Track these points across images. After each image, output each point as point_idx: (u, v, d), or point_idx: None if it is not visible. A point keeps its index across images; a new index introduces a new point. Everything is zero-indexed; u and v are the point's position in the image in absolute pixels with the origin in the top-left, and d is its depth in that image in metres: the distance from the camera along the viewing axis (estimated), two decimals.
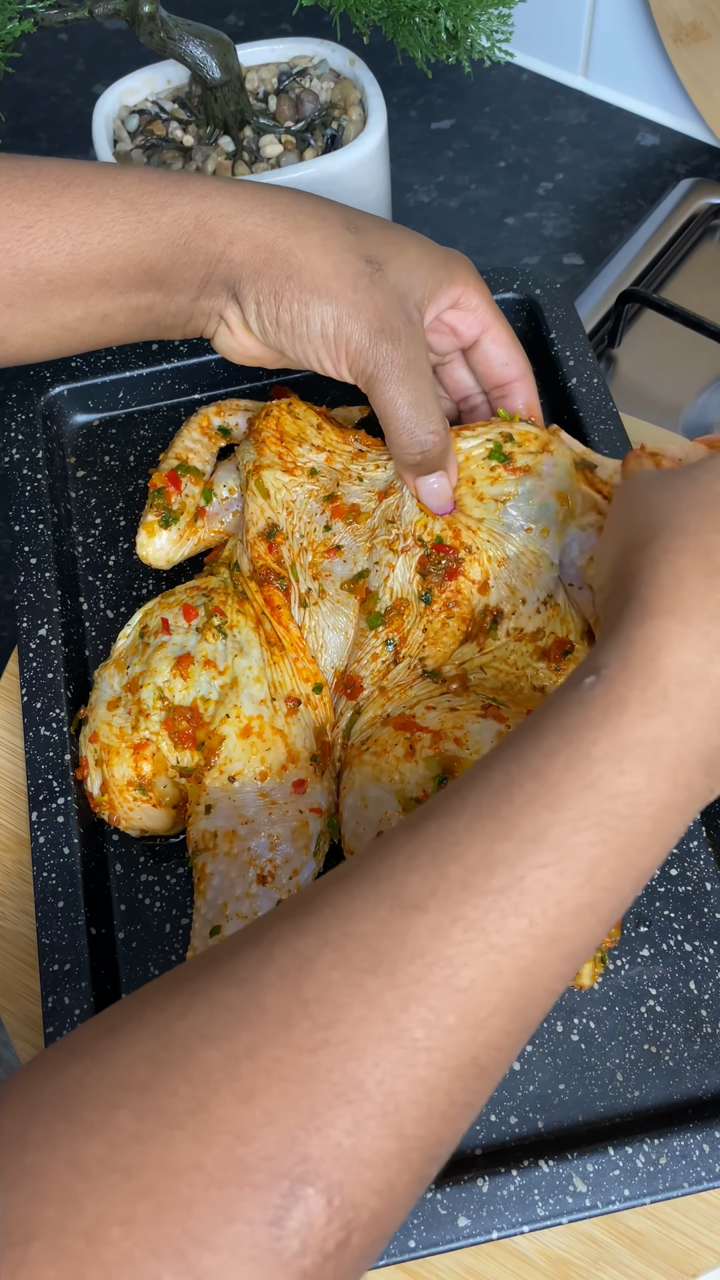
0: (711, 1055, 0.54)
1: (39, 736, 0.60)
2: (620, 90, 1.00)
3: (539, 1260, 0.51)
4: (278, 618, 0.60)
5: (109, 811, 0.59)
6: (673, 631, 0.39)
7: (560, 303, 0.73)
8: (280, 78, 0.79)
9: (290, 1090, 0.33)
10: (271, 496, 0.62)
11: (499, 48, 0.74)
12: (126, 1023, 0.36)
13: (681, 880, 0.58)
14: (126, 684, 0.60)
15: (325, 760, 0.58)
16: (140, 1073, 0.34)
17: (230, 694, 0.58)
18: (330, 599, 0.60)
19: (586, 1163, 0.50)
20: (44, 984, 0.54)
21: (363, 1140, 0.33)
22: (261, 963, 0.36)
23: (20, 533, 0.67)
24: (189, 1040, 0.34)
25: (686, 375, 0.84)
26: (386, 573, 0.59)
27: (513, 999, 0.36)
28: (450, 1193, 0.49)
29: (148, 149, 0.76)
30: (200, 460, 0.67)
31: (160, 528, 0.65)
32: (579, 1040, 0.54)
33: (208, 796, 0.57)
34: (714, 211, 0.92)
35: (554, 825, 0.37)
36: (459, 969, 0.35)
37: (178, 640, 0.60)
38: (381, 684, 0.58)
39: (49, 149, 1.03)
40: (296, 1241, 0.32)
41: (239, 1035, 0.34)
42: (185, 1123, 0.33)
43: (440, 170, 0.98)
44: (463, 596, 0.58)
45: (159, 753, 0.58)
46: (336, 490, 0.62)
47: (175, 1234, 0.31)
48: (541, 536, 0.59)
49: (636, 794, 0.38)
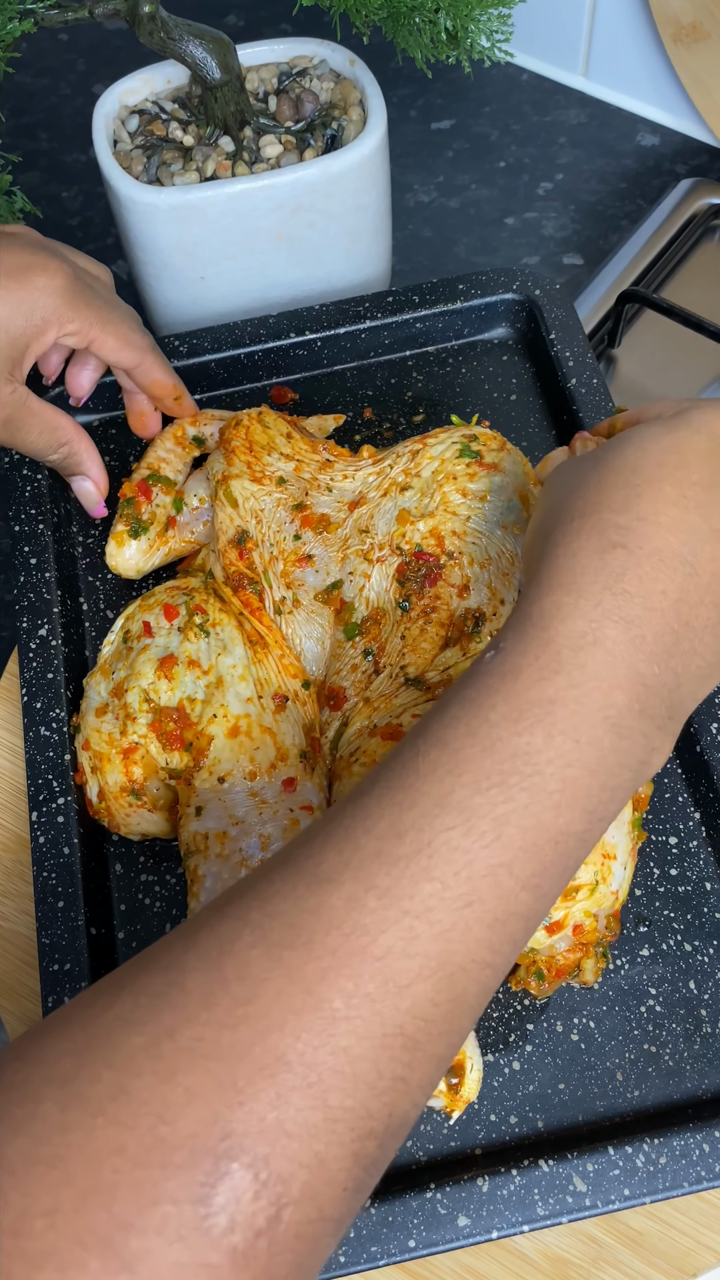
0: (711, 1055, 0.54)
1: (39, 736, 0.60)
2: (620, 90, 1.00)
3: (539, 1260, 0.51)
4: (258, 617, 0.60)
5: (108, 818, 0.59)
6: (565, 603, 0.41)
7: (560, 303, 0.73)
8: (280, 78, 0.79)
9: (211, 1067, 0.33)
10: (240, 506, 0.62)
11: (499, 48, 0.74)
12: (55, 1022, 0.36)
13: (681, 880, 0.58)
14: (113, 690, 0.60)
15: (315, 757, 0.58)
16: (64, 1065, 0.34)
17: (216, 693, 0.58)
18: (305, 609, 0.60)
19: (586, 1162, 0.50)
20: (44, 984, 0.54)
21: (286, 1113, 0.33)
22: (186, 949, 0.37)
23: (20, 533, 0.67)
24: (112, 1029, 0.35)
25: (686, 375, 0.84)
26: (362, 582, 0.60)
27: (434, 965, 0.36)
28: (450, 1192, 0.49)
29: (148, 149, 0.76)
30: (172, 470, 0.68)
31: (129, 537, 0.66)
32: (579, 1040, 0.54)
33: (198, 798, 0.57)
34: (714, 211, 0.92)
35: (457, 789, 0.38)
36: (375, 936, 0.36)
37: (160, 642, 0.60)
38: (365, 694, 0.58)
39: (49, 149, 1.03)
40: (224, 1218, 0.32)
41: (161, 1018, 0.34)
42: (107, 1108, 0.33)
43: (440, 170, 0.98)
44: (441, 602, 0.58)
45: (148, 755, 0.58)
46: (305, 500, 0.63)
47: (100, 1220, 0.31)
48: (515, 534, 0.60)
49: (536, 752, 0.38)
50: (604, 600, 0.41)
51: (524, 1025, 0.55)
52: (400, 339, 0.75)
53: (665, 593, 0.41)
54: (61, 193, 1.00)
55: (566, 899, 0.52)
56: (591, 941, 0.53)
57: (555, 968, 0.53)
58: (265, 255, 0.77)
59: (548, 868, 0.39)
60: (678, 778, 0.60)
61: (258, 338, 0.74)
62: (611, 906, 0.54)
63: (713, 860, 0.58)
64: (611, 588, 0.41)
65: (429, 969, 0.36)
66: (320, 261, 0.78)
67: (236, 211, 0.73)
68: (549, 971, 0.54)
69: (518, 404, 0.73)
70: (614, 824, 0.53)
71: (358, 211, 0.76)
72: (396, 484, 0.62)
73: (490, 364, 0.75)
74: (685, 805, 0.60)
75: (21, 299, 0.59)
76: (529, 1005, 0.55)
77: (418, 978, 0.36)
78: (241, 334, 0.74)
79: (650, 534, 0.42)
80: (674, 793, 0.60)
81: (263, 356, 0.74)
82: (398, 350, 0.75)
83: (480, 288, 0.74)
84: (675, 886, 0.58)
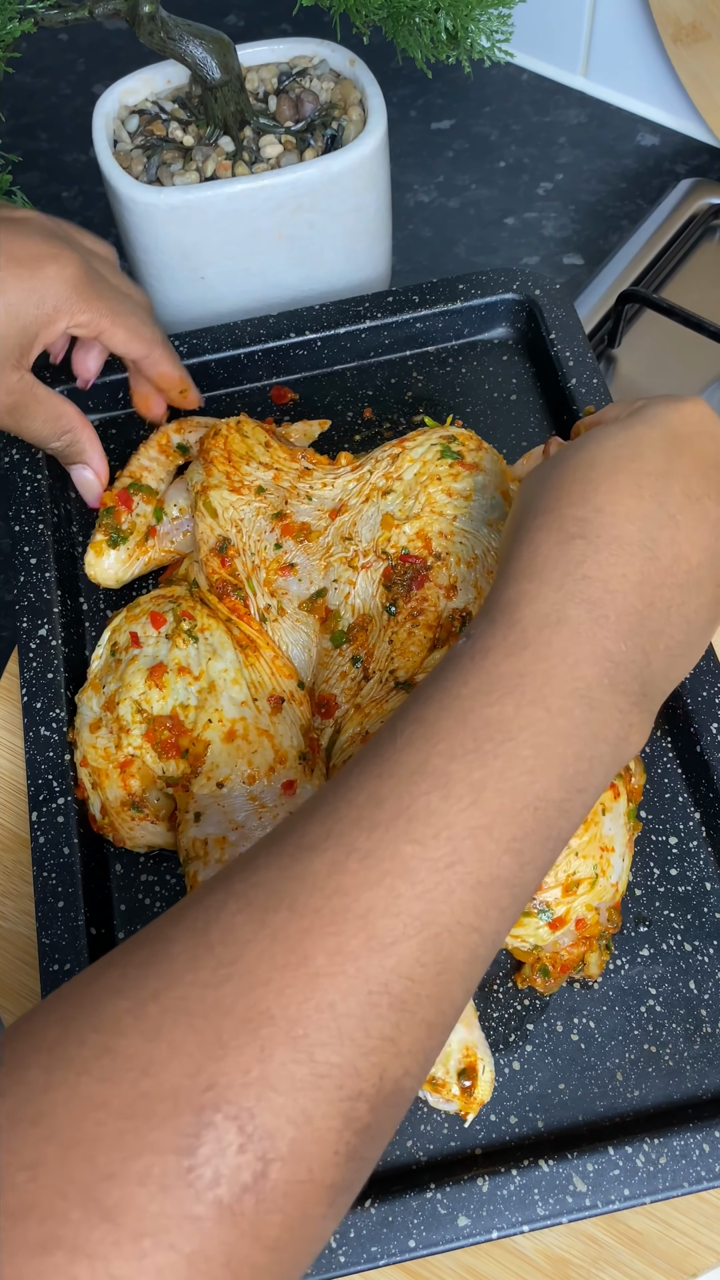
0: (711, 1055, 0.54)
1: (39, 736, 0.60)
2: (620, 90, 1.00)
3: (539, 1260, 0.51)
4: (246, 621, 0.60)
5: (112, 833, 0.59)
6: (529, 590, 0.43)
7: (560, 303, 0.73)
8: (280, 78, 0.79)
9: (196, 1023, 0.34)
10: (219, 516, 0.62)
11: (499, 48, 0.74)
12: (47, 1001, 0.36)
13: (681, 880, 0.58)
14: (104, 703, 0.60)
15: (314, 758, 0.58)
16: (51, 1033, 0.34)
17: (210, 698, 0.58)
18: (290, 617, 0.60)
19: (586, 1162, 0.50)
20: (44, 984, 0.54)
21: (270, 1066, 0.33)
22: (173, 924, 0.37)
23: (20, 533, 0.67)
24: (100, 997, 0.35)
25: (686, 375, 0.84)
26: (347, 589, 0.60)
27: (418, 925, 0.37)
28: (450, 1192, 0.49)
29: (147, 149, 0.76)
30: (155, 478, 0.68)
31: (108, 547, 0.65)
32: (579, 1040, 0.54)
33: (196, 804, 0.56)
34: (714, 211, 0.92)
35: (433, 757, 0.39)
36: (357, 895, 0.36)
37: (149, 651, 0.60)
38: (356, 701, 0.58)
39: (49, 149, 1.03)
40: (209, 1170, 0.32)
41: (147, 983, 0.35)
42: (92, 1067, 0.33)
43: (440, 170, 0.98)
44: (429, 604, 0.58)
45: (145, 766, 0.58)
46: (285, 508, 0.63)
47: (81, 1172, 0.31)
48: (499, 530, 0.60)
49: (508, 720, 0.40)
50: (565, 584, 0.43)
51: (524, 1025, 0.55)
52: (400, 339, 0.75)
53: (626, 576, 0.43)
54: (61, 193, 1.00)
55: (568, 894, 0.52)
56: (594, 935, 0.54)
57: (560, 963, 0.54)
58: (265, 255, 0.77)
59: (529, 833, 0.39)
60: (678, 778, 0.60)
61: (258, 338, 0.74)
62: (612, 899, 0.54)
63: (713, 860, 0.58)
64: (572, 574, 0.43)
65: (413, 928, 0.37)
66: (320, 261, 0.78)
67: (236, 211, 0.73)
68: (554, 967, 0.54)
69: (518, 404, 0.73)
70: (610, 816, 0.53)
71: (358, 211, 0.76)
72: (378, 489, 0.62)
73: (490, 364, 0.75)
74: (685, 805, 0.60)
75: (33, 288, 0.59)
76: (529, 1005, 0.55)
77: (401, 936, 0.36)
78: (241, 334, 0.74)
79: (607, 523, 0.44)
80: (674, 793, 0.60)
81: (263, 356, 0.74)
82: (398, 350, 0.75)
83: (480, 288, 0.74)
84: (675, 886, 0.58)
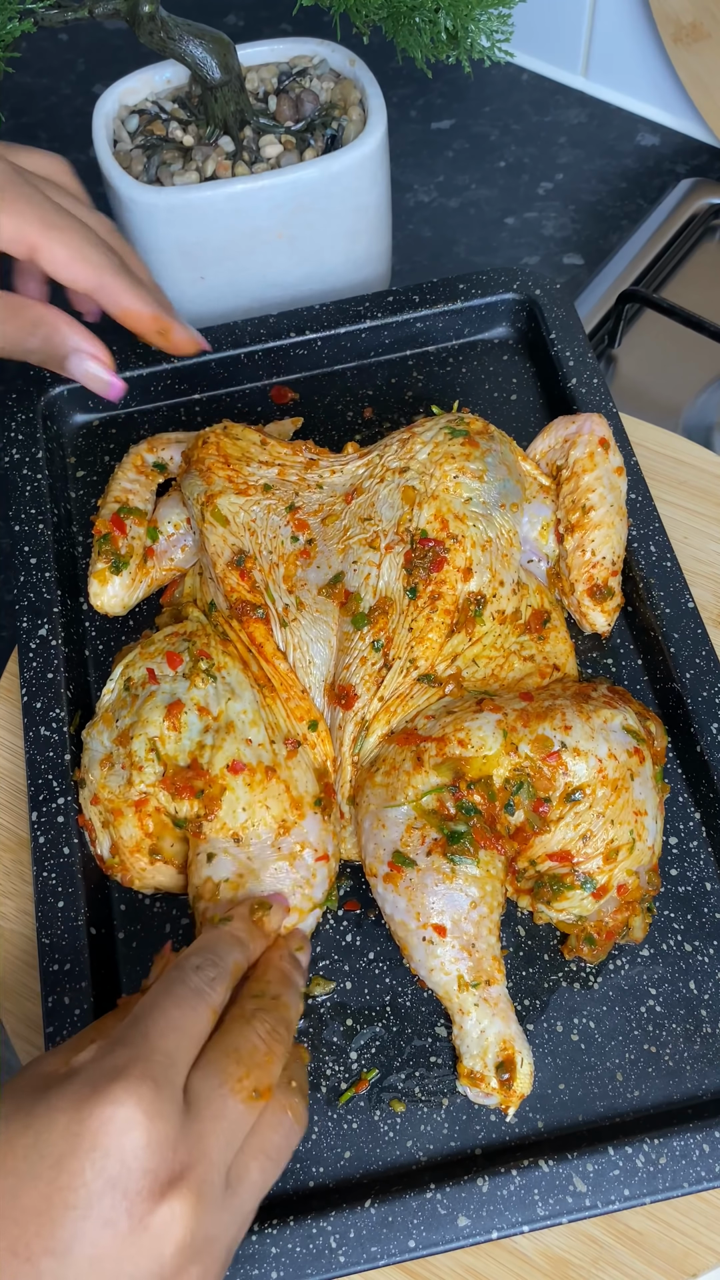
0: (711, 1055, 0.54)
1: (39, 736, 0.60)
2: (620, 90, 1.00)
3: (539, 1260, 0.51)
4: (263, 655, 0.59)
5: (121, 873, 0.58)
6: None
7: (560, 303, 0.73)
8: (280, 78, 0.79)
9: None
10: (231, 522, 0.61)
11: (499, 48, 0.74)
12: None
13: (681, 880, 0.58)
14: (116, 738, 0.58)
15: (329, 803, 0.57)
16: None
17: (227, 740, 0.56)
18: (309, 610, 0.60)
19: (586, 1162, 0.50)
20: (44, 984, 0.54)
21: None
22: None
23: (20, 533, 0.67)
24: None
25: (686, 375, 0.84)
26: (368, 570, 0.59)
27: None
28: (450, 1192, 0.49)
29: (148, 149, 0.76)
30: (140, 500, 0.67)
31: (112, 574, 0.64)
32: (579, 1040, 0.54)
33: (209, 845, 0.55)
34: (714, 211, 0.92)
35: None
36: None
37: (166, 688, 0.58)
38: (380, 694, 0.58)
39: (49, 149, 1.03)
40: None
41: None
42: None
43: (440, 170, 0.98)
44: (447, 586, 0.58)
45: (160, 805, 0.56)
46: (296, 500, 0.62)
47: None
48: (513, 512, 0.60)
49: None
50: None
51: (524, 1025, 0.55)
52: (400, 339, 0.75)
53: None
54: None
55: (608, 862, 0.53)
56: (636, 899, 0.54)
57: (605, 930, 0.54)
58: (265, 255, 0.77)
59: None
60: (678, 778, 0.60)
61: (258, 337, 0.74)
62: (649, 861, 0.54)
63: (713, 860, 0.58)
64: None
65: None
66: (320, 261, 0.78)
67: (236, 211, 0.73)
68: (600, 935, 0.54)
69: (518, 404, 0.73)
70: (638, 780, 0.54)
71: (358, 211, 0.76)
72: (392, 469, 0.62)
73: (490, 364, 0.75)
74: (685, 805, 0.60)
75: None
76: (529, 1005, 0.55)
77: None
78: (241, 334, 0.74)
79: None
80: (674, 793, 0.60)
81: (263, 356, 0.74)
82: (398, 350, 0.75)
83: (480, 287, 0.74)
84: (675, 886, 0.58)
